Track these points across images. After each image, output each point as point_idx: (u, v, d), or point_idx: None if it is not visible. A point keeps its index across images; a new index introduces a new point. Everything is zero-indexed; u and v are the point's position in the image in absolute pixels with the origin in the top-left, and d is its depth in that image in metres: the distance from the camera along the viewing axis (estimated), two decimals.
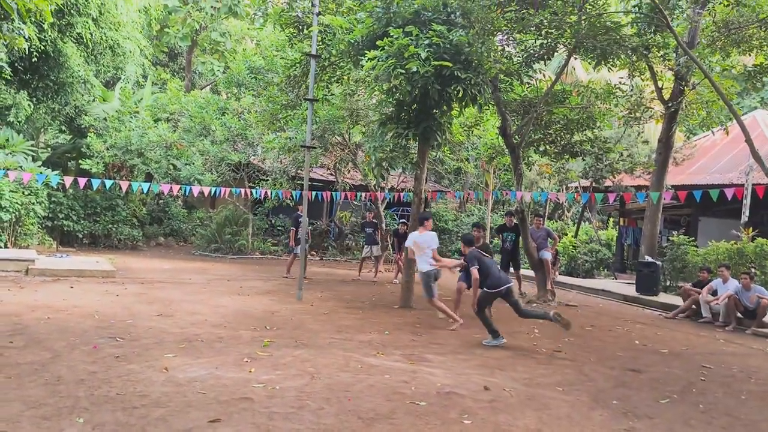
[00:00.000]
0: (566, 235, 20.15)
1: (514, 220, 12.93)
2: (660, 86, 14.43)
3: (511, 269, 12.50)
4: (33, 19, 7.69)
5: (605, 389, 6.06)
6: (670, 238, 15.59)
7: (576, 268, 17.95)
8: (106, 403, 4.68)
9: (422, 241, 9.14)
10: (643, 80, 14.65)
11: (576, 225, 21.35)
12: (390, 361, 6.60)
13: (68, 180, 11.89)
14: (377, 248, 14.74)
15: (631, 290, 14.11)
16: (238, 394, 5.10)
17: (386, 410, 4.94)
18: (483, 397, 5.49)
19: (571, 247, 18.37)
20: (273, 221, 21.65)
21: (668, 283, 14.61)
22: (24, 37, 7.57)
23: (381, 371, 6.11)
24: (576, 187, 19.84)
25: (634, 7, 12.22)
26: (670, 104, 14.44)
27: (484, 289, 8.09)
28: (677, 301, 12.18)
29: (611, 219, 24.60)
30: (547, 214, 23.75)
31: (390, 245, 15.16)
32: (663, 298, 13.26)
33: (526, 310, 8.46)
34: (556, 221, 23.61)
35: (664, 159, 14.94)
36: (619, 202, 17.20)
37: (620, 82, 13.64)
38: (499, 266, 11.85)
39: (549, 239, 12.76)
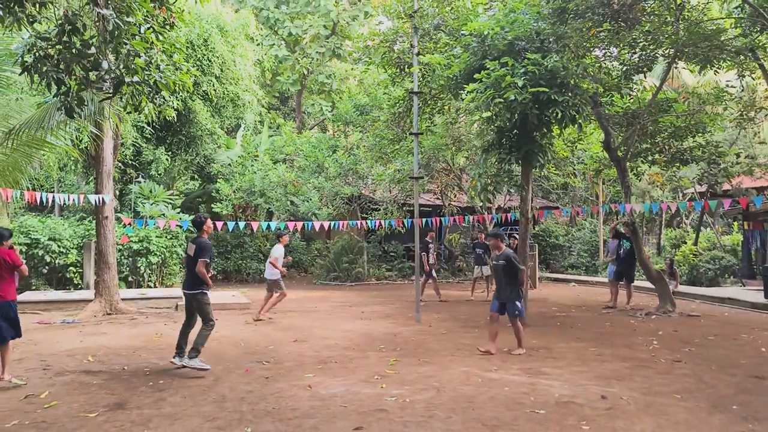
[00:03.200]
0: (685, 243, 19.47)
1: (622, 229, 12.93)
2: None
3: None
4: (177, 91, 9.01)
5: (726, 395, 6.17)
6: None
7: (698, 276, 17.31)
8: (266, 416, 5.52)
9: None
10: (754, 79, 14.17)
11: (696, 232, 20.54)
12: (509, 374, 7.05)
13: None
14: (487, 268, 15.13)
15: (760, 297, 13.52)
16: (373, 406, 5.78)
17: (508, 418, 5.43)
18: (600, 405, 5.82)
19: (691, 255, 17.76)
20: (386, 248, 22.56)
21: None
22: (173, 108, 8.88)
23: (501, 384, 6.58)
24: (692, 194, 19.19)
25: (736, 8, 12.02)
26: None
27: None
28: None
29: (736, 223, 23.35)
30: (664, 222, 22.98)
31: None
32: None
33: None
34: (675, 229, 22.78)
35: None
36: (744, 205, 16.52)
37: (728, 84, 13.29)
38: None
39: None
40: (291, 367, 7.53)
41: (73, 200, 12.22)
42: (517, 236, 13.07)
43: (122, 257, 15.99)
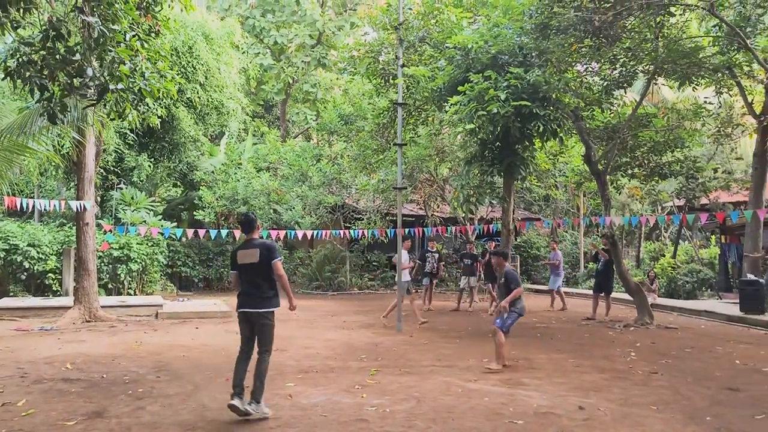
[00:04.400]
0: (664, 256, 19.76)
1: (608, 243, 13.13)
2: (750, 100, 14.21)
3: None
4: (161, 98, 9.01)
5: (701, 407, 6.27)
6: None
7: (676, 289, 17.57)
8: (246, 425, 5.51)
9: None
10: (731, 96, 14.49)
11: (674, 245, 20.85)
12: (488, 385, 7.11)
13: (190, 232, 13.31)
14: (474, 279, 15.24)
15: (735, 310, 13.75)
16: (354, 416, 5.80)
17: (487, 429, 5.47)
18: (578, 416, 5.89)
19: (669, 268, 18.02)
20: (368, 257, 22.59)
21: None
22: (157, 116, 8.89)
23: (480, 395, 6.64)
24: (671, 207, 19.50)
25: (714, 26, 12.31)
26: (762, 118, 14.17)
27: None
28: None
29: (713, 237, 23.75)
30: (643, 235, 23.30)
31: (482, 274, 15.63)
32: None
33: None
34: (654, 242, 23.10)
35: (760, 173, 14.60)
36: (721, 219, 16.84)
37: (706, 101, 13.58)
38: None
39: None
40: (272, 376, 7.47)
41: (54, 206, 12.12)
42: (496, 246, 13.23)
43: (102, 264, 15.86)
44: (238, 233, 14.01)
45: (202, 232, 12.82)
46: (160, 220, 18.30)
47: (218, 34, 19.05)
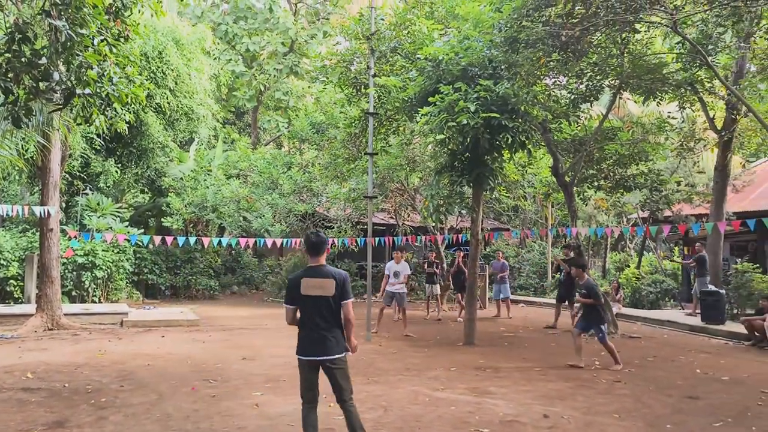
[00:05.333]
0: (629, 267, 20.13)
1: (571, 254, 13.36)
2: (712, 116, 14.61)
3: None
4: (130, 103, 8.91)
5: (662, 415, 6.42)
6: (734, 266, 15.48)
7: (640, 299, 17.90)
8: None
9: None
10: (694, 111, 14.88)
11: (638, 256, 21.27)
12: (456, 394, 7.16)
13: (157, 239, 13.13)
14: (437, 287, 15.38)
15: (697, 320, 14.07)
16: (321, 425, 5.74)
17: None
18: (543, 424, 5.98)
19: (634, 278, 18.37)
20: (338, 266, 22.52)
21: (735, 311, 14.48)
22: (125, 121, 8.78)
23: (447, 403, 6.69)
24: (635, 219, 19.91)
25: (677, 44, 12.65)
26: (723, 133, 14.58)
27: None
28: (743, 329, 12.15)
29: (677, 248, 24.28)
30: (609, 246, 23.71)
31: (451, 284, 15.76)
32: (729, 326, 13.19)
33: None
34: (619, 252, 23.51)
35: (721, 187, 15.00)
36: (683, 231, 17.24)
37: (669, 116, 13.93)
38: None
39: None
40: (239, 385, 7.46)
41: (17, 211, 11.86)
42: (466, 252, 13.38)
43: (66, 271, 15.53)
44: (207, 241, 13.87)
45: (169, 239, 12.66)
46: (126, 226, 18.01)
47: (189, 40, 18.88)
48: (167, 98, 17.49)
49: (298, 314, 4.95)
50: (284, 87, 27.27)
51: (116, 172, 18.55)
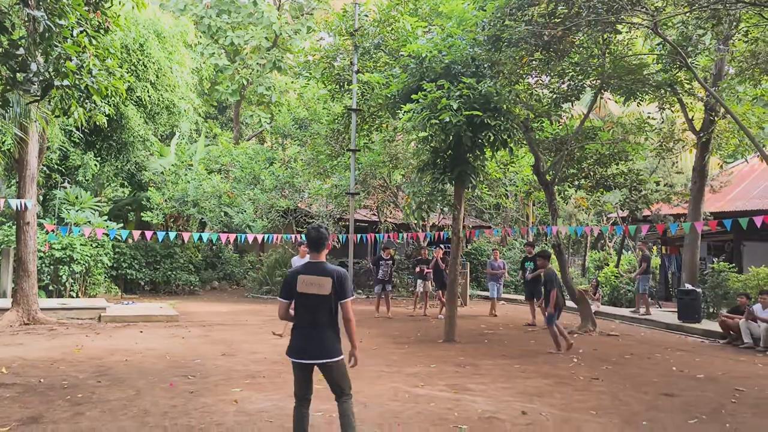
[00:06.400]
0: (608, 265, 20.35)
1: (533, 251, 13.52)
2: (691, 117, 14.80)
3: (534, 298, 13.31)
4: (110, 96, 8.79)
5: (638, 412, 6.50)
6: (710, 265, 15.73)
7: (619, 297, 18.12)
8: None
9: None
10: (673, 112, 15.06)
11: (617, 255, 21.51)
12: (435, 390, 7.19)
13: (136, 233, 13.00)
14: (428, 284, 15.31)
15: (674, 318, 14.28)
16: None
17: None
18: (521, 421, 6.03)
19: (613, 277, 18.58)
20: None
21: (711, 310, 14.73)
22: (104, 114, 8.67)
23: (427, 400, 6.71)
24: (615, 218, 20.12)
25: (658, 44, 12.80)
26: (701, 134, 14.79)
27: None
28: (719, 327, 12.35)
29: (655, 248, 24.60)
30: (588, 244, 23.94)
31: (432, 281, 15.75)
32: (705, 324, 13.41)
33: None
34: (599, 251, 23.76)
35: (699, 187, 15.23)
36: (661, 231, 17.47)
37: (649, 116, 14.08)
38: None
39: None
40: (217, 381, 7.42)
41: None
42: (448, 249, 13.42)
43: (43, 265, 15.32)
44: (187, 236, 13.75)
45: (149, 233, 12.53)
46: (105, 220, 17.79)
47: (171, 33, 18.66)
48: (148, 91, 17.30)
49: (291, 311, 4.77)
50: (267, 82, 27.11)
51: (95, 165, 18.32)
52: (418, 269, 15.41)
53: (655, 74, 12.53)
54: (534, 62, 11.04)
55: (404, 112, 9.92)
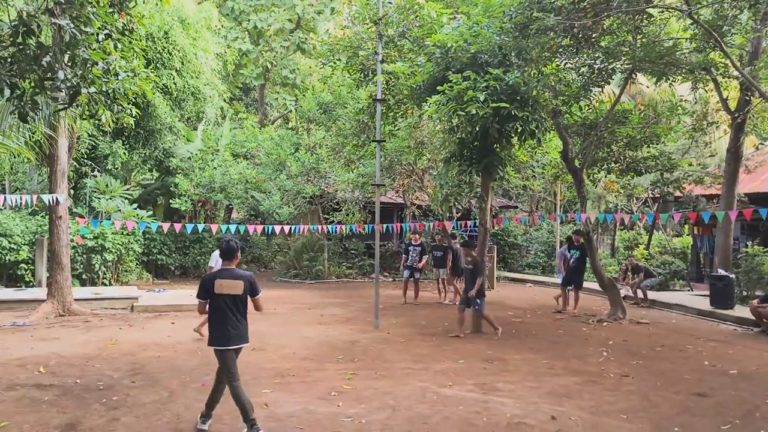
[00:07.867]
0: (638, 246, 20.06)
1: (581, 240, 13.33)
2: (725, 97, 14.36)
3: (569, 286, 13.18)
4: (137, 96, 8.80)
5: (668, 416, 6.43)
6: (744, 248, 15.38)
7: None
8: None
9: None
10: (707, 92, 14.62)
11: (648, 235, 21.17)
12: (463, 391, 7.20)
13: (165, 226, 13.17)
14: (444, 271, 15.31)
15: (706, 303, 14.04)
16: (330, 428, 5.84)
17: None
18: (550, 427, 6.01)
19: (643, 258, 18.31)
20: (347, 245, 22.61)
21: (745, 294, 14.44)
22: (131, 116, 8.73)
23: (455, 402, 6.72)
24: (645, 200, 19.75)
25: (691, 24, 12.38)
26: (736, 114, 14.35)
27: None
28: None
29: (686, 227, 24.15)
30: (618, 224, 23.60)
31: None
32: (738, 311, 13.16)
33: None
34: (628, 231, 23.41)
35: (733, 169, 14.82)
36: (693, 211, 17.10)
37: (681, 99, 13.68)
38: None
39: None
40: (247, 381, 7.49)
41: (26, 201, 11.90)
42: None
43: (76, 254, 15.66)
44: (215, 227, 13.91)
45: (177, 226, 12.69)
46: (135, 208, 18.08)
47: (195, 19, 18.70)
48: (174, 79, 17.40)
49: (207, 307, 5.77)
50: (291, 64, 27.03)
51: (124, 153, 18.56)
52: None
53: (689, 55, 12.14)
54: (562, 50, 10.77)
55: (430, 103, 9.78)
